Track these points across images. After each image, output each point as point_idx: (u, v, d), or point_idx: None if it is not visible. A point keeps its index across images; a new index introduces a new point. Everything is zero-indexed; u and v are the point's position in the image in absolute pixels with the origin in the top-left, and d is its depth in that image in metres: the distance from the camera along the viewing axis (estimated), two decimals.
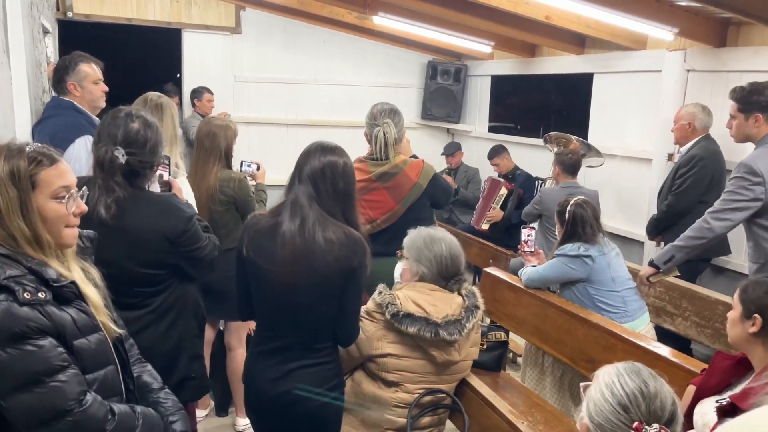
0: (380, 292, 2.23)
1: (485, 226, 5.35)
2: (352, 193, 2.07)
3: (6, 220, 1.38)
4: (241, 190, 3.15)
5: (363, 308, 2.27)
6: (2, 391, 1.32)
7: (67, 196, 1.47)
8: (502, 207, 5.33)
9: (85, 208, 1.54)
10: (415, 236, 2.36)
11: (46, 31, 4.66)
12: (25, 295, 1.33)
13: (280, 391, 2.01)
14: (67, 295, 1.43)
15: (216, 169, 3.13)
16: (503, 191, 5.33)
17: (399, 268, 2.46)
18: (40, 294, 1.35)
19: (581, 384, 1.34)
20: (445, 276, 2.29)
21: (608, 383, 1.24)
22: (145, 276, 2.10)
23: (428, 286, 2.28)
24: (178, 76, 7.13)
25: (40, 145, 1.47)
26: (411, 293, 2.23)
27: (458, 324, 2.20)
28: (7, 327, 1.30)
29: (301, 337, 2.00)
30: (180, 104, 6.42)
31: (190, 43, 6.66)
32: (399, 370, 2.21)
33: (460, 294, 2.32)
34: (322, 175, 1.99)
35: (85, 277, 1.52)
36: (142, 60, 7.82)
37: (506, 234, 5.27)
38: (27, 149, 1.41)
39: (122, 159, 2.01)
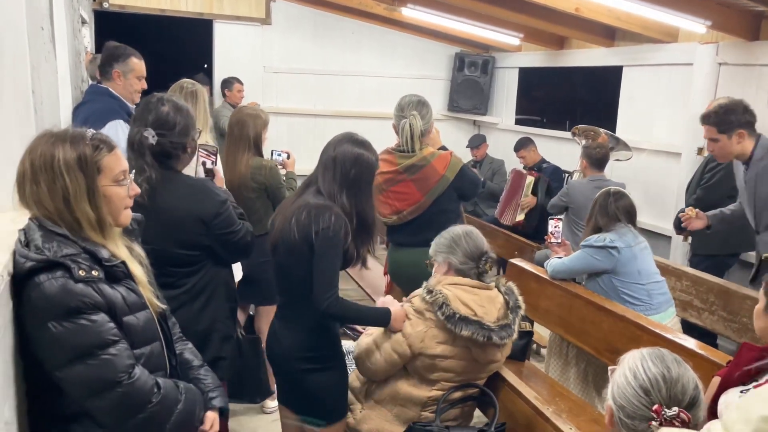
0: (430, 291, 2.23)
1: (520, 217, 5.29)
2: (363, 182, 2.20)
3: (73, 204, 1.45)
4: (272, 178, 3.23)
5: (408, 305, 2.30)
6: (58, 362, 1.41)
7: (127, 179, 1.55)
8: (533, 193, 5.32)
9: (138, 190, 1.62)
10: (437, 240, 2.42)
11: (83, 22, 4.79)
12: (80, 272, 1.41)
13: (270, 344, 2.31)
14: (118, 274, 1.51)
15: (246, 157, 3.20)
16: (529, 180, 5.32)
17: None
18: (93, 272, 1.43)
19: (609, 367, 1.38)
20: (470, 255, 2.31)
21: (632, 367, 1.28)
22: (180, 256, 2.19)
23: (470, 282, 2.28)
24: (206, 66, 7.25)
25: (95, 131, 1.55)
26: (458, 292, 2.23)
27: (508, 328, 2.23)
28: (64, 302, 1.38)
29: (285, 297, 2.27)
30: (211, 94, 6.54)
31: (221, 33, 6.77)
32: (442, 370, 2.24)
33: (499, 291, 2.35)
34: (332, 161, 2.18)
35: (130, 255, 1.60)
36: (175, 50, 7.96)
37: (528, 224, 5.26)
38: (87, 136, 1.49)
39: (152, 140, 2.10)
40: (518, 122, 6.94)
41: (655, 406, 1.22)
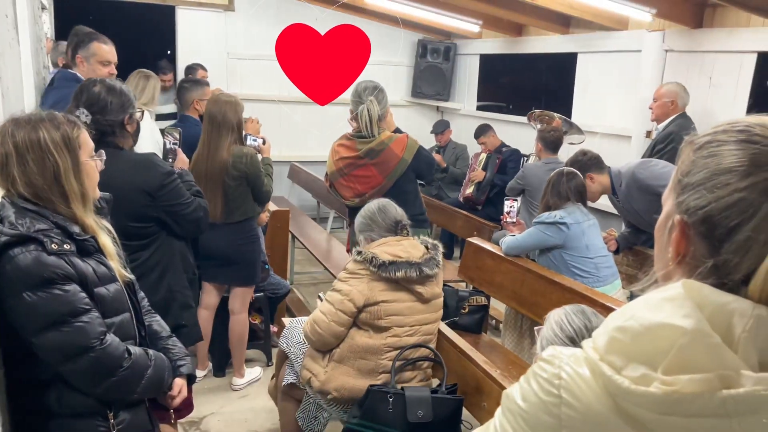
0: (359, 252, 2.46)
1: (470, 190, 5.65)
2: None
3: (63, 180, 1.57)
4: (253, 166, 3.27)
5: (342, 272, 2.50)
6: (33, 329, 1.51)
7: (97, 155, 1.66)
8: (483, 169, 5.66)
9: (102, 165, 1.73)
10: (357, 219, 2.66)
11: (43, 8, 4.77)
12: (53, 245, 1.51)
13: None
14: (89, 248, 1.62)
15: (229, 143, 3.24)
16: (483, 156, 5.74)
17: None
18: (65, 245, 1.54)
19: (535, 328, 1.54)
20: (387, 227, 2.56)
21: (558, 321, 1.44)
22: (131, 229, 2.30)
23: (393, 238, 2.53)
24: (169, 52, 7.23)
25: (60, 113, 1.65)
26: (383, 248, 2.47)
27: (433, 260, 2.50)
28: (38, 273, 1.48)
29: None
30: (174, 80, 6.54)
31: (183, 20, 6.75)
32: (390, 314, 2.43)
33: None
34: None
35: (100, 229, 1.70)
36: (137, 37, 7.89)
37: (491, 206, 5.49)
38: (60, 116, 1.59)
39: (85, 118, 2.19)
40: (480, 108, 7.10)
41: None
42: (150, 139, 3.26)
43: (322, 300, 2.60)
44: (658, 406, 0.60)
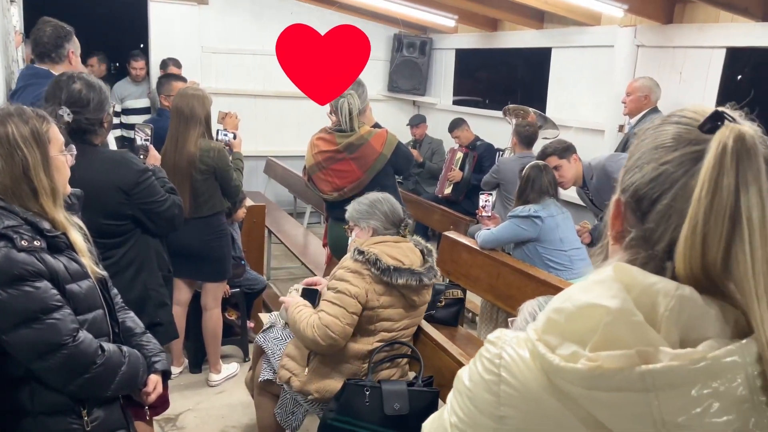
0: (361, 252, 2.40)
1: (448, 190, 5.67)
2: None
3: (32, 175, 1.55)
4: (221, 160, 3.24)
5: (341, 271, 2.44)
6: (4, 327, 1.49)
7: (66, 150, 1.64)
8: (461, 168, 5.68)
9: (73, 160, 1.71)
10: (355, 206, 2.61)
11: (12, 0, 4.67)
12: (23, 242, 1.49)
13: None
14: (60, 244, 1.59)
15: (196, 136, 3.20)
16: (459, 155, 5.72)
17: (351, 239, 2.63)
18: (35, 242, 1.51)
19: (508, 319, 1.57)
20: (394, 222, 2.54)
21: (531, 312, 1.46)
22: (105, 227, 2.27)
23: (391, 238, 2.50)
24: (141, 46, 7.13)
25: (28, 108, 1.62)
26: (384, 248, 2.43)
27: (432, 269, 2.49)
28: (8, 270, 1.46)
29: None
30: (147, 74, 6.44)
31: (156, 13, 6.65)
32: (382, 319, 2.42)
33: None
34: None
35: (71, 225, 1.68)
36: (108, 31, 7.78)
37: (467, 200, 5.53)
38: (28, 111, 1.57)
39: (68, 117, 2.15)
40: (456, 102, 7.13)
41: None
42: None
43: (295, 292, 2.58)
44: (584, 381, 0.63)
